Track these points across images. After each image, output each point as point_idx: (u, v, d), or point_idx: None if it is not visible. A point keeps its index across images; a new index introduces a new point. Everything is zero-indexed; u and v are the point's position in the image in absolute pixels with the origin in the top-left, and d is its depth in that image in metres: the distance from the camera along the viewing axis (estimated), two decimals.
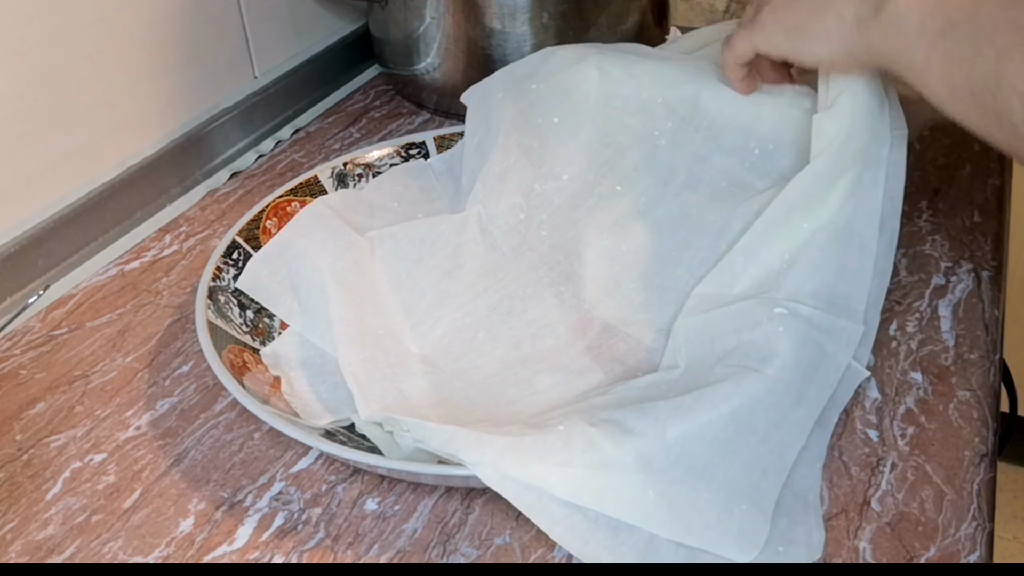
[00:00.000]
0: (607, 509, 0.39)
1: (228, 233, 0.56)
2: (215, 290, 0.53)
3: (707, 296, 0.50)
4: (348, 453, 0.42)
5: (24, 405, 0.51)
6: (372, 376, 0.48)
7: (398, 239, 0.57)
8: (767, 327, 0.46)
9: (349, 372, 0.47)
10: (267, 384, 0.49)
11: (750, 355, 0.45)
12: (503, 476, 0.39)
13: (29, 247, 0.59)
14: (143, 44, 0.65)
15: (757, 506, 0.40)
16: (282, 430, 0.43)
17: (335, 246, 0.54)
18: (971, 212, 0.61)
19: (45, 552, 0.43)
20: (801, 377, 0.44)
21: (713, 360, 0.46)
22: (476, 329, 0.53)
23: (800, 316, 0.46)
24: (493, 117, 0.59)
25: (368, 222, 0.59)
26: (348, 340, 0.49)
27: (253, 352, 0.51)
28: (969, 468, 0.44)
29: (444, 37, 0.74)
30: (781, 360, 0.44)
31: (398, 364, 0.50)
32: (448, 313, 0.54)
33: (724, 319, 0.48)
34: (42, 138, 0.59)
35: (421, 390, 0.49)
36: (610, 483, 0.39)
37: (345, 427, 0.47)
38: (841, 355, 0.46)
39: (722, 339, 0.47)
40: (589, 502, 0.39)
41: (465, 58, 0.74)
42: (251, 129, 0.75)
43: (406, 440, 0.43)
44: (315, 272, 0.53)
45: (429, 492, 0.45)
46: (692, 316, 0.49)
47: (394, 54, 0.79)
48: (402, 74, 0.80)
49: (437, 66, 0.76)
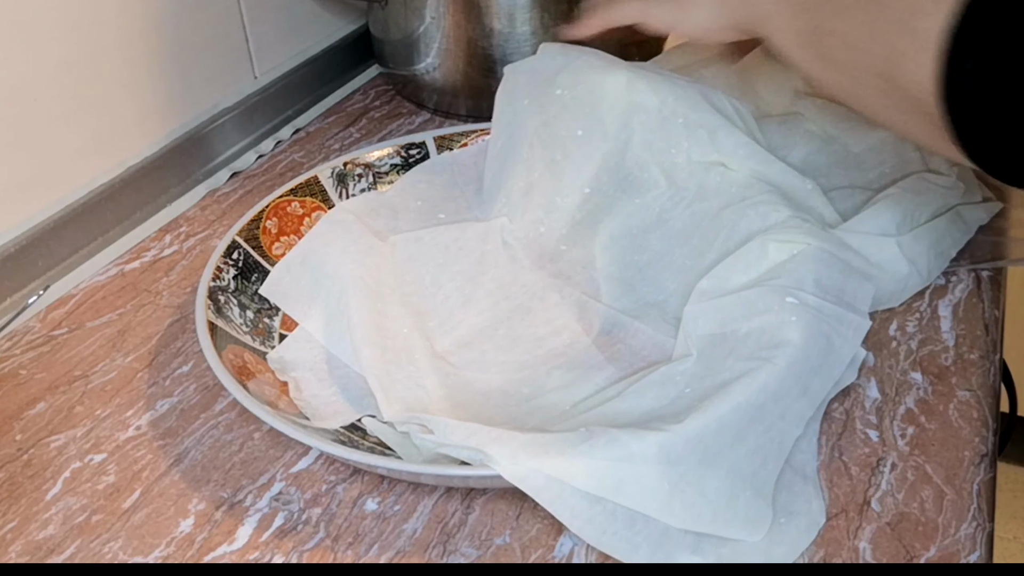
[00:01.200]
0: (625, 500, 0.39)
1: (228, 233, 0.56)
2: (215, 290, 0.53)
3: (714, 286, 0.51)
4: (351, 454, 0.42)
5: (24, 405, 0.51)
6: (394, 378, 0.48)
7: (423, 243, 0.57)
8: (778, 315, 0.46)
9: (372, 374, 0.48)
10: (274, 387, 0.49)
11: (761, 344, 0.45)
12: (524, 469, 0.40)
13: (29, 247, 0.59)
14: (143, 44, 0.65)
15: (759, 492, 0.41)
16: (282, 430, 0.43)
17: (356, 251, 0.55)
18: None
19: (45, 552, 0.43)
20: (808, 369, 0.45)
21: (725, 347, 0.46)
22: (496, 328, 0.54)
23: (809, 306, 0.47)
24: (517, 124, 0.59)
25: (392, 224, 0.59)
26: (370, 343, 0.49)
27: (253, 352, 0.51)
28: (969, 468, 0.44)
29: (444, 37, 0.74)
30: (792, 350, 0.45)
31: (420, 365, 0.50)
32: (470, 316, 0.55)
33: (734, 305, 0.48)
34: (42, 138, 0.59)
35: (441, 391, 0.49)
36: (630, 475, 0.40)
37: (346, 427, 0.47)
38: (847, 348, 0.47)
39: (733, 324, 0.47)
40: (609, 493, 0.39)
41: (465, 58, 0.74)
42: (251, 129, 0.75)
43: (424, 442, 0.43)
44: (335, 280, 0.53)
45: (429, 492, 0.45)
46: (701, 302, 0.50)
47: (394, 54, 0.80)
48: (402, 74, 0.80)
49: (437, 66, 0.76)
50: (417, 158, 0.64)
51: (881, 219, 0.53)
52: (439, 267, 0.57)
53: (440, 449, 0.42)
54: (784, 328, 0.46)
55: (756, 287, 0.48)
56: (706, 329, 0.48)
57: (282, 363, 0.51)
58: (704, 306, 0.49)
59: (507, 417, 0.48)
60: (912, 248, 0.53)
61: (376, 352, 0.49)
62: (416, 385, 0.49)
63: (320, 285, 0.54)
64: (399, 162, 0.64)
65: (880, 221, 0.53)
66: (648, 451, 0.40)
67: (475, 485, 0.44)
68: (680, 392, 0.45)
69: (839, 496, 0.43)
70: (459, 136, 0.65)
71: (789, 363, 0.44)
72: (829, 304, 0.47)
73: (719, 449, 0.41)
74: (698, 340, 0.48)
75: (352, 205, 0.60)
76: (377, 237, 0.57)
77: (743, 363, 0.45)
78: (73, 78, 0.60)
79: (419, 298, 0.55)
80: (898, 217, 0.54)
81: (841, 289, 0.49)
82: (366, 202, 0.61)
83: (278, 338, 0.53)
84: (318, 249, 0.55)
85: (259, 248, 0.57)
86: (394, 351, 0.50)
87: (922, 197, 0.55)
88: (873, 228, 0.53)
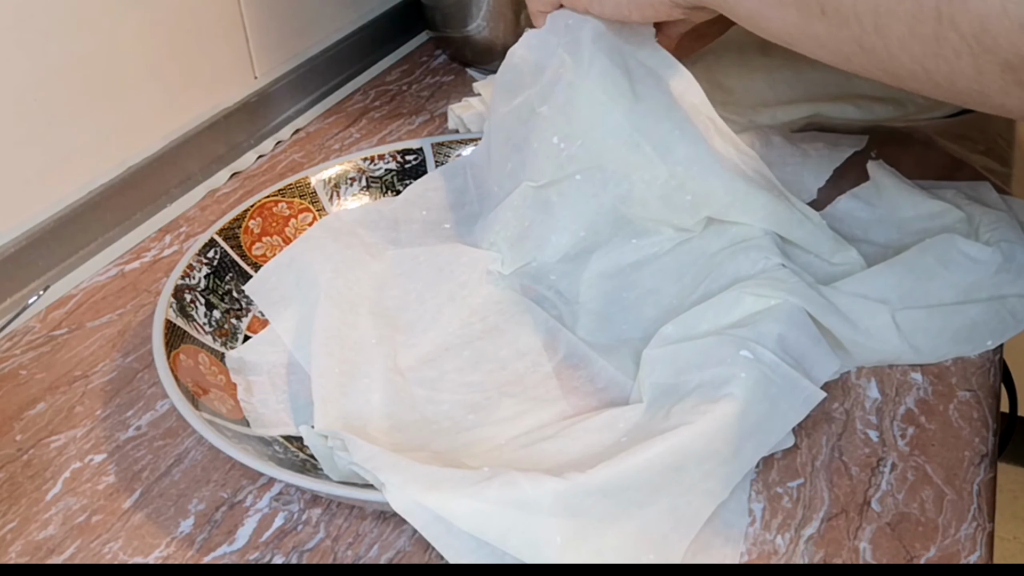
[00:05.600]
0: (510, 548, 0.37)
1: (208, 231, 0.56)
2: (182, 288, 0.52)
3: (678, 331, 0.48)
4: (266, 468, 0.41)
5: (24, 405, 0.51)
6: (344, 389, 0.47)
7: (419, 262, 0.56)
8: (729, 368, 0.44)
9: (317, 383, 0.47)
10: (224, 391, 0.49)
11: (705, 398, 0.43)
12: (411, 502, 0.38)
13: (29, 247, 0.58)
14: (143, 44, 0.65)
15: (664, 557, 0.39)
16: (206, 436, 0.42)
17: (340, 260, 0.54)
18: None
19: (45, 552, 0.43)
20: (743, 432, 0.42)
21: (674, 397, 0.44)
22: (463, 348, 0.52)
23: (763, 363, 0.44)
24: (512, 161, 0.57)
25: (392, 236, 0.59)
26: (326, 353, 0.48)
27: (210, 353, 0.51)
28: (969, 468, 0.44)
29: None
30: (731, 408, 0.42)
31: (374, 378, 0.49)
32: (440, 334, 0.53)
33: (690, 353, 0.46)
34: (42, 138, 0.59)
35: (386, 408, 0.48)
36: (519, 523, 0.37)
37: (285, 436, 0.47)
38: (791, 416, 0.44)
39: (686, 373, 0.45)
40: (493, 539, 0.37)
41: (514, 18, 0.80)
42: (251, 129, 0.75)
43: (340, 458, 0.42)
44: (312, 287, 0.53)
45: None
46: (660, 347, 0.47)
47: (444, 18, 0.86)
48: (453, 37, 0.86)
49: (485, 27, 0.82)
50: (413, 164, 0.64)
51: (879, 283, 0.50)
52: (427, 286, 0.55)
53: (351, 467, 0.41)
54: (729, 383, 0.43)
55: (715, 335, 0.46)
56: (660, 377, 0.46)
57: (240, 364, 0.51)
58: (662, 351, 0.47)
59: (443, 444, 0.46)
60: (915, 326, 0.49)
61: (330, 362, 0.48)
62: (362, 400, 0.47)
63: (299, 289, 0.54)
64: (394, 167, 0.64)
65: (877, 285, 0.50)
66: (543, 500, 0.38)
67: (377, 508, 0.43)
68: (617, 440, 0.43)
69: (839, 496, 0.43)
70: (456, 144, 0.65)
71: (722, 424, 0.41)
72: (786, 366, 0.44)
73: (626, 506, 0.39)
74: (650, 388, 0.45)
75: (350, 215, 0.60)
76: (367, 250, 0.56)
77: (680, 416, 0.42)
78: (73, 78, 0.60)
79: (398, 312, 0.54)
80: (905, 286, 0.50)
81: (804, 354, 0.46)
82: (366, 213, 0.60)
83: (242, 339, 0.53)
84: (304, 254, 0.55)
85: (238, 247, 0.57)
86: (352, 363, 0.49)
87: (948, 270, 0.50)
88: (869, 291, 0.50)
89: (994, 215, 0.54)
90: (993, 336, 0.50)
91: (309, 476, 0.41)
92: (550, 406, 0.48)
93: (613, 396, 0.48)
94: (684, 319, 0.49)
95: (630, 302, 0.54)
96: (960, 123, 0.71)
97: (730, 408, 0.42)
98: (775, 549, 0.41)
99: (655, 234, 0.55)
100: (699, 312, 0.49)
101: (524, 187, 0.55)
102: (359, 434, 0.42)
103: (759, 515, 0.43)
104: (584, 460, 0.41)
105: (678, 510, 0.40)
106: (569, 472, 0.39)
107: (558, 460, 0.42)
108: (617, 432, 0.44)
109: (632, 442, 0.42)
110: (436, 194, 0.62)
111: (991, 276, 0.51)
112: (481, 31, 0.83)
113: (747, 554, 0.41)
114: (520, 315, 0.54)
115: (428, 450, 0.45)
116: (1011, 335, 0.50)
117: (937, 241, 0.52)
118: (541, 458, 0.43)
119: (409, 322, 0.54)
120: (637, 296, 0.54)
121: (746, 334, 0.45)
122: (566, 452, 0.43)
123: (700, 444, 0.41)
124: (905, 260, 0.51)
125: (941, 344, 0.50)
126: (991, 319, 0.50)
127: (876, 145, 0.67)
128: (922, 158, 0.67)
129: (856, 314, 0.49)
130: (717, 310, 0.48)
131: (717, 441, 0.41)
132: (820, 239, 0.54)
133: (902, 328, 0.49)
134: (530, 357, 0.51)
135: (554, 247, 0.56)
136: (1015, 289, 0.51)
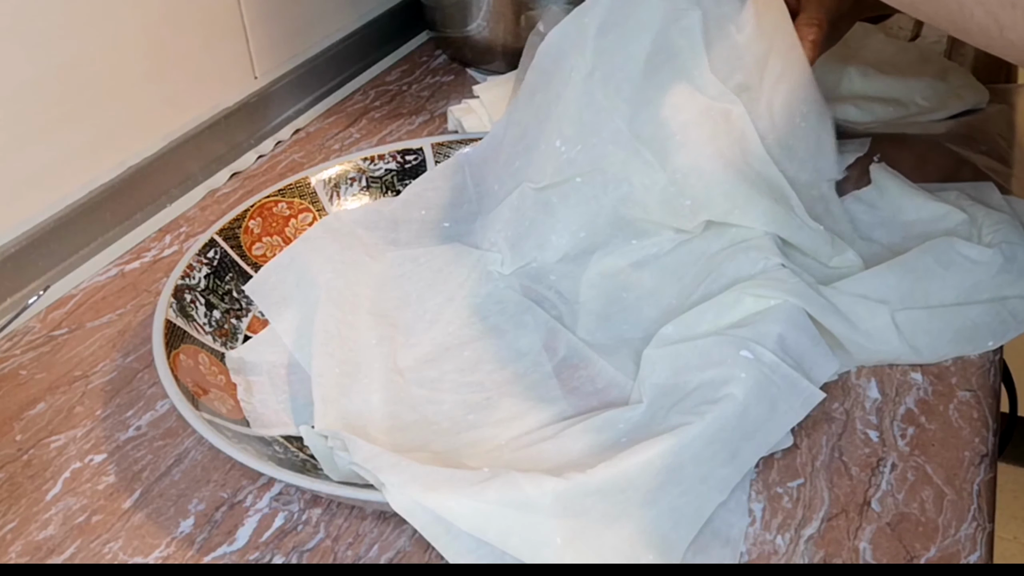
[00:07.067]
0: (509, 549, 0.37)
1: (208, 231, 0.56)
2: (182, 288, 0.52)
3: (678, 332, 0.48)
4: (266, 469, 0.41)
5: (24, 405, 0.51)
6: (343, 389, 0.47)
7: (419, 263, 0.56)
8: (729, 368, 0.44)
9: (317, 383, 0.47)
10: (224, 391, 0.48)
11: (705, 398, 0.43)
12: (412, 503, 0.38)
13: (29, 247, 0.58)
14: (143, 44, 0.65)
15: (664, 557, 0.39)
16: (206, 436, 0.42)
17: (340, 261, 0.54)
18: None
19: (45, 552, 0.43)
20: (742, 433, 0.42)
21: (673, 397, 0.44)
22: (463, 348, 0.52)
23: (764, 363, 0.44)
24: (521, 159, 0.57)
25: (391, 236, 0.59)
26: (326, 353, 0.48)
27: (210, 353, 0.51)
28: (969, 468, 0.44)
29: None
30: (730, 409, 0.42)
31: (374, 378, 0.49)
32: (440, 334, 0.53)
33: (690, 353, 0.46)
34: (42, 138, 0.59)
35: (386, 408, 0.48)
36: (519, 523, 0.37)
37: (285, 437, 0.47)
38: (790, 417, 0.44)
39: (685, 374, 0.45)
40: (493, 539, 0.37)
41: (514, 18, 0.80)
42: (251, 129, 0.75)
43: (341, 458, 0.42)
44: (312, 287, 0.53)
45: None
46: (660, 347, 0.47)
47: (444, 18, 0.86)
48: (453, 36, 0.86)
49: (485, 27, 0.82)
50: (413, 164, 0.64)
51: (879, 283, 0.50)
52: (427, 287, 0.55)
53: (351, 467, 0.41)
54: (729, 384, 0.43)
55: (715, 335, 0.46)
56: (660, 377, 0.46)
57: (241, 363, 0.51)
58: (662, 352, 0.47)
59: (443, 444, 0.46)
60: (915, 326, 0.49)
61: (330, 362, 0.48)
62: (362, 400, 0.47)
63: (299, 290, 0.54)
64: (394, 167, 0.64)
65: (877, 285, 0.50)
66: (542, 500, 0.38)
67: (377, 508, 0.42)
68: (616, 440, 0.43)
69: (839, 496, 0.43)
70: (456, 144, 0.65)
71: (721, 425, 0.41)
72: (786, 367, 0.44)
73: (625, 507, 0.39)
74: (650, 388, 0.45)
75: (350, 215, 0.60)
76: (367, 251, 0.56)
77: (680, 417, 0.42)
78: (73, 78, 0.60)
79: (399, 313, 0.54)
80: (905, 286, 0.50)
81: (804, 355, 0.46)
82: (366, 213, 0.60)
83: (242, 340, 0.53)
84: (304, 254, 0.55)
85: (238, 247, 0.57)
86: (352, 363, 0.49)
87: (948, 271, 0.51)
88: (869, 292, 0.50)
89: (996, 216, 0.54)
90: (994, 337, 0.50)
91: (309, 476, 0.41)
92: (550, 406, 0.48)
93: (613, 396, 0.48)
94: (684, 319, 0.49)
95: (630, 302, 0.54)
96: (961, 124, 0.71)
97: (730, 408, 0.42)
98: (775, 549, 0.41)
99: (655, 235, 0.55)
100: (699, 312, 0.49)
101: (524, 188, 0.55)
102: (359, 434, 0.42)
103: (759, 515, 0.43)
104: (584, 460, 0.41)
105: (678, 510, 0.40)
106: (569, 472, 0.39)
107: (558, 460, 0.42)
108: (617, 432, 0.44)
109: (632, 442, 0.41)
110: (435, 193, 0.62)
111: (992, 277, 0.51)
112: (481, 31, 0.83)
113: (747, 554, 0.41)
114: (520, 315, 0.54)
115: (428, 450, 0.45)
116: (1012, 336, 0.50)
117: (937, 243, 0.52)
118: (541, 458, 0.43)
119: (409, 322, 0.54)
120: (637, 296, 0.54)
121: (746, 334, 0.46)
122: (566, 452, 0.43)
123: (700, 444, 0.41)
124: (905, 261, 0.52)
125: (941, 345, 0.50)
126: (992, 320, 0.50)
127: (877, 146, 0.67)
128: (924, 159, 0.67)
129: (856, 315, 0.49)
130: (717, 310, 0.48)
131: (717, 441, 0.41)
132: (819, 244, 0.54)
133: (902, 329, 0.49)
134: (530, 357, 0.51)
135: (554, 247, 0.56)
136: (1016, 290, 0.51)
